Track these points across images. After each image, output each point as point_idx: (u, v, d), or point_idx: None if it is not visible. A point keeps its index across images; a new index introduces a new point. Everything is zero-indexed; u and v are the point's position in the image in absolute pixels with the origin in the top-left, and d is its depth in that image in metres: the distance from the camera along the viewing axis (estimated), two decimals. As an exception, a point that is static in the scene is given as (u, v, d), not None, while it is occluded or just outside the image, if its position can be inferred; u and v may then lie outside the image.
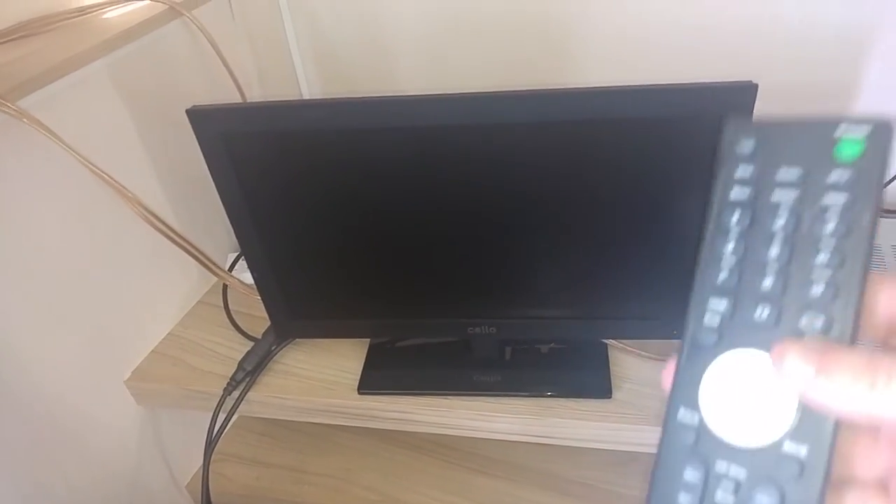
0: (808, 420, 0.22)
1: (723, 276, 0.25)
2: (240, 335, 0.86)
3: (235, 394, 0.79)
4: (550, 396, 0.75)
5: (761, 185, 0.24)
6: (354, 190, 0.66)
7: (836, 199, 0.23)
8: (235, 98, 0.85)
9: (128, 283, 0.81)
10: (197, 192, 0.78)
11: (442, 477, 0.91)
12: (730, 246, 0.25)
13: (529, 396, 0.75)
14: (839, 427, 0.22)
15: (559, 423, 0.73)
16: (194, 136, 0.61)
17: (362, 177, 0.65)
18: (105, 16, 0.74)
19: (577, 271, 0.71)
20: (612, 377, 0.76)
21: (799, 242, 0.24)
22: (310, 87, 0.97)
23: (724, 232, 0.25)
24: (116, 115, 0.75)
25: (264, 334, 0.84)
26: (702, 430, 0.24)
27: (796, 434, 0.22)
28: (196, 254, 0.76)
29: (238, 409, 0.80)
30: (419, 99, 0.59)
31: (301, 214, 0.69)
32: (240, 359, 0.81)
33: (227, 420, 0.79)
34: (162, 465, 0.91)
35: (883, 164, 0.23)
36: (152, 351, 0.86)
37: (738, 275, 0.24)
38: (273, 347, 0.84)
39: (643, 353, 0.77)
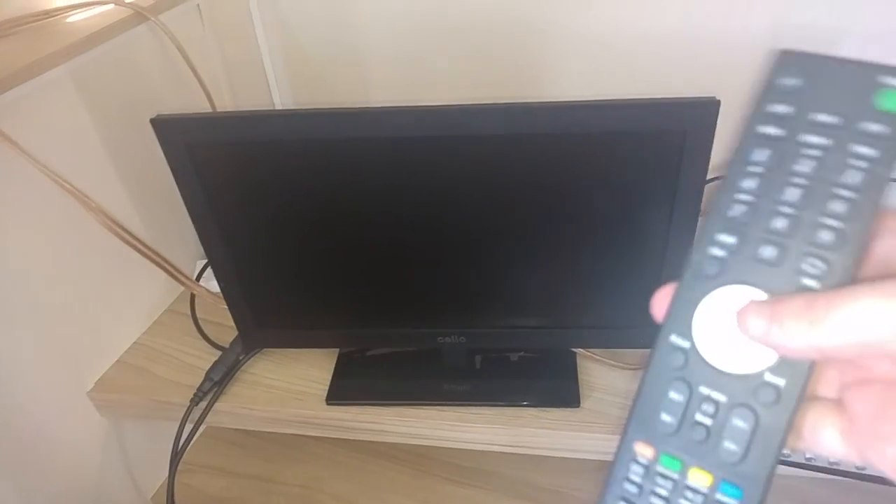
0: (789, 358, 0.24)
1: (737, 210, 0.25)
2: (207, 344, 0.85)
3: (202, 404, 0.78)
4: (519, 406, 0.75)
5: (797, 125, 0.24)
6: (322, 200, 0.66)
7: (866, 152, 0.23)
8: (204, 104, 0.84)
9: (91, 292, 0.79)
10: (165, 198, 0.77)
11: (413, 485, 0.91)
12: (751, 183, 0.25)
13: (499, 406, 0.75)
14: (814, 365, 0.24)
15: (528, 433, 0.74)
16: (160, 145, 0.60)
17: (329, 187, 0.65)
18: (69, 20, 0.73)
19: (545, 281, 0.71)
20: (580, 386, 0.76)
21: (819, 188, 0.24)
22: (280, 92, 0.96)
23: (748, 166, 0.25)
24: (80, 122, 0.74)
25: (232, 343, 0.83)
26: (691, 354, 0.25)
27: (777, 368, 0.24)
28: (162, 263, 0.75)
29: (205, 420, 0.79)
30: (383, 110, 0.59)
31: (268, 224, 0.68)
32: (207, 368, 0.80)
33: (193, 431, 0.78)
34: (126, 477, 0.90)
35: None
36: (117, 361, 0.84)
37: (752, 212, 0.25)
38: (241, 357, 0.83)
39: (611, 362, 0.78)
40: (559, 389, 0.77)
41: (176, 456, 0.77)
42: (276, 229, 0.69)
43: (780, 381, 0.24)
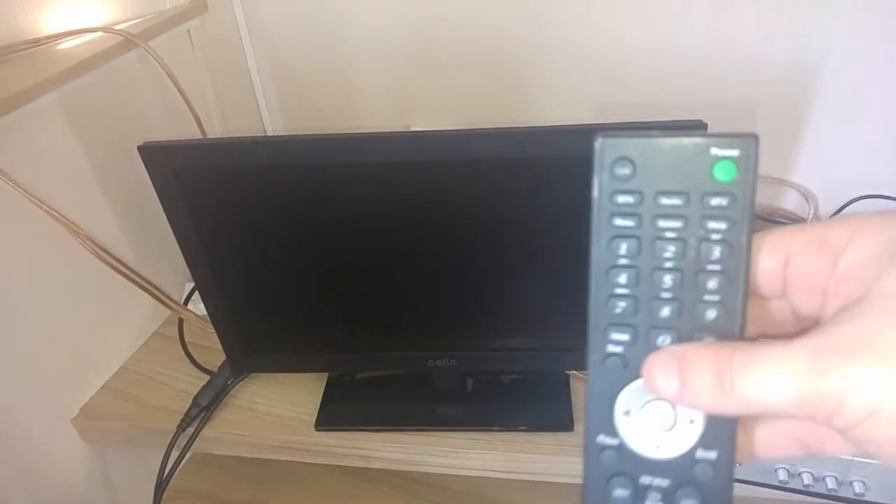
0: (713, 428, 0.25)
1: (620, 306, 0.25)
2: (196, 368, 0.85)
3: (189, 431, 0.77)
4: (512, 430, 0.74)
5: (646, 211, 0.24)
6: (309, 225, 0.66)
7: (717, 225, 0.24)
8: (194, 129, 0.84)
9: (76, 317, 0.79)
10: (154, 222, 0.77)
11: (404, 511, 0.89)
12: (623, 277, 0.25)
13: (491, 431, 0.75)
14: (737, 429, 0.25)
15: (520, 458, 0.73)
16: (149, 170, 0.60)
17: (316, 212, 0.65)
18: (59, 47, 0.73)
19: (536, 303, 0.71)
20: (574, 408, 0.76)
21: (688, 268, 0.24)
22: (271, 116, 0.97)
23: (615, 260, 0.25)
24: (69, 149, 0.73)
25: (220, 368, 0.82)
26: (622, 450, 0.26)
27: (704, 441, 0.25)
28: (150, 288, 0.74)
29: (192, 447, 0.78)
30: (367, 137, 0.59)
31: (256, 249, 0.68)
32: (195, 394, 0.79)
33: (180, 457, 0.77)
34: (111, 506, 0.88)
35: (755, 180, 0.23)
36: (102, 386, 0.83)
37: (634, 306, 0.25)
38: (229, 382, 0.82)
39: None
40: (552, 413, 0.76)
41: (161, 484, 0.76)
42: (263, 254, 0.68)
43: (712, 454, 0.25)
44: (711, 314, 0.24)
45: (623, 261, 0.25)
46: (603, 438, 0.26)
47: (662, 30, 0.77)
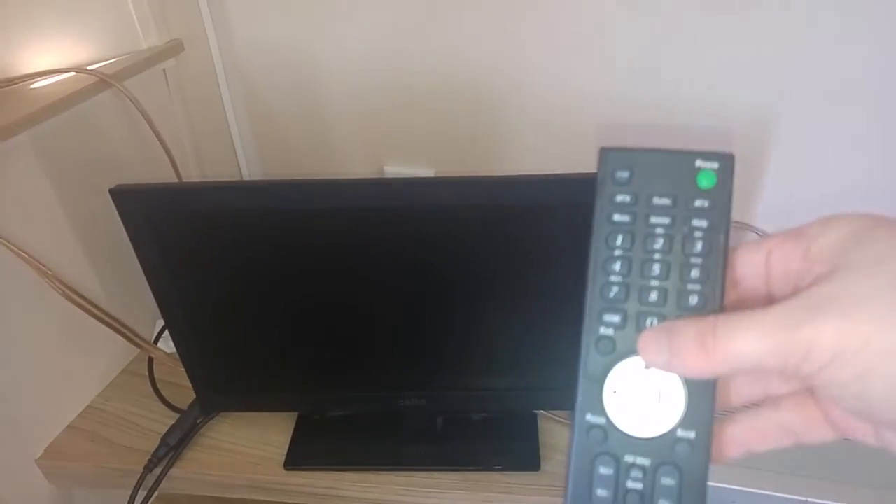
0: (693, 409, 0.27)
1: (613, 291, 0.28)
2: (165, 407, 0.84)
3: (157, 471, 0.76)
4: (480, 471, 0.75)
5: (639, 210, 0.28)
6: (280, 267, 0.66)
7: (700, 224, 0.28)
8: (169, 170, 0.84)
9: (43, 355, 0.78)
10: (125, 260, 0.76)
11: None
12: (617, 265, 0.28)
13: (459, 471, 0.75)
14: (714, 410, 0.27)
15: (489, 498, 0.73)
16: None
17: (289, 255, 0.65)
18: (33, 86, 0.73)
19: (505, 344, 0.72)
20: (541, 448, 0.77)
21: (674, 260, 0.28)
22: (247, 157, 0.97)
23: (611, 251, 0.28)
24: (40, 189, 0.74)
25: (190, 406, 0.81)
26: (609, 429, 0.28)
27: (685, 421, 0.27)
28: (119, 327, 0.74)
29: (160, 487, 0.77)
30: (341, 183, 0.61)
31: (227, 291, 0.69)
32: (163, 433, 0.78)
33: (147, 498, 0.76)
34: (75, 548, 0.87)
35: (731, 189, 0.28)
36: (69, 426, 0.82)
37: (626, 291, 0.28)
38: (198, 420, 0.81)
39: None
40: (520, 452, 0.77)
41: (127, 526, 0.75)
42: (235, 296, 0.69)
43: (691, 434, 0.27)
44: (693, 300, 0.27)
45: (618, 252, 0.28)
46: (591, 417, 0.28)
47: (628, 79, 0.79)
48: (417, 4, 0.82)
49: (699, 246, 0.28)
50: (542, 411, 0.81)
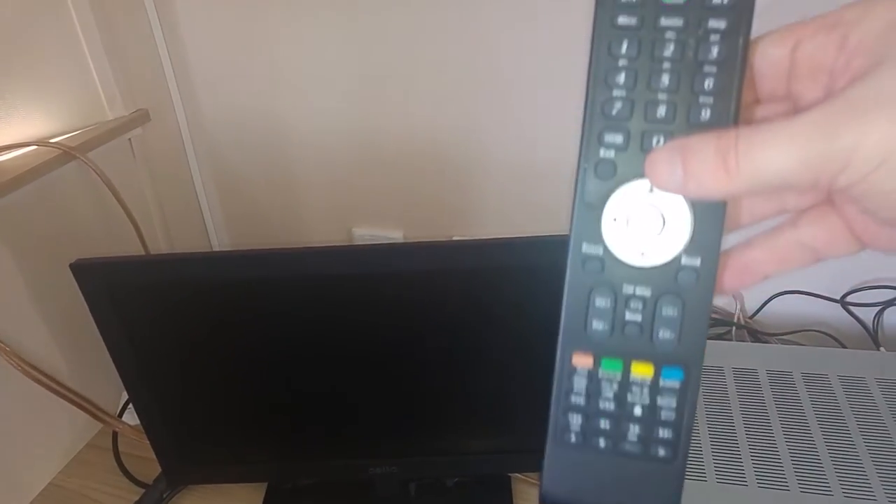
0: (700, 234, 0.25)
1: (617, 107, 0.25)
2: (130, 482, 0.81)
3: (120, 551, 0.74)
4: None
5: (647, 11, 0.24)
6: (247, 339, 0.66)
7: (716, 25, 0.24)
8: (135, 241, 0.84)
9: (1, 433, 0.75)
10: (89, 333, 0.76)
11: None
12: (621, 77, 0.25)
13: (432, 540, 0.73)
14: (722, 234, 0.25)
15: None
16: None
17: (254, 325, 0.65)
18: (-6, 160, 0.73)
19: (475, 408, 0.71)
20: (517, 511, 0.76)
21: (685, 70, 0.24)
22: (216, 226, 0.97)
23: (614, 60, 0.25)
24: (1, 263, 0.73)
25: (155, 481, 0.79)
26: (606, 258, 0.26)
27: (690, 248, 0.25)
28: (82, 403, 0.72)
29: (122, 569, 0.74)
30: (302, 252, 0.60)
31: (192, 363, 0.67)
32: (127, 510, 0.76)
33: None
34: None
35: None
36: (29, 506, 0.79)
37: (630, 106, 0.25)
38: (165, 495, 0.79)
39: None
40: (494, 517, 0.75)
41: None
42: (200, 368, 0.68)
43: (696, 261, 0.25)
44: (705, 114, 0.24)
45: (622, 61, 0.25)
46: (588, 247, 0.26)
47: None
48: (382, 75, 0.84)
49: (714, 51, 0.24)
50: (517, 474, 0.80)
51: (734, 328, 0.87)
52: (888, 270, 0.83)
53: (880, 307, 0.84)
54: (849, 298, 0.85)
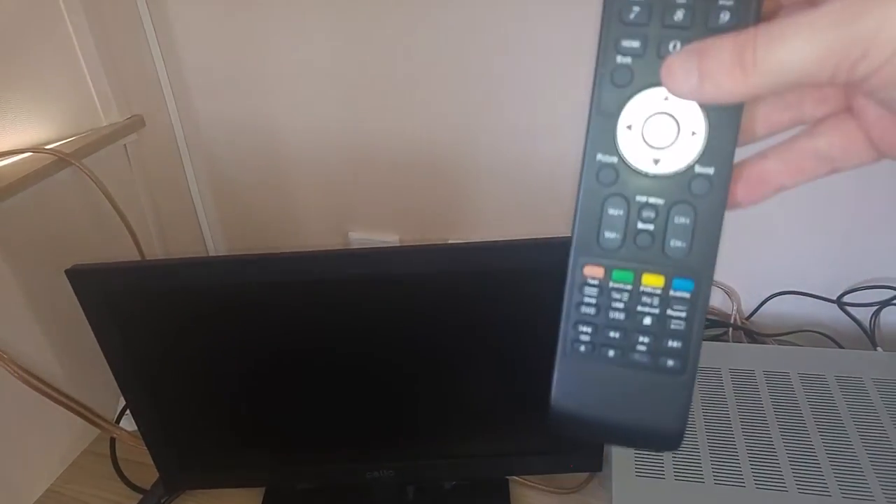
0: (714, 142, 0.25)
1: (634, 13, 0.24)
2: (127, 487, 0.81)
3: (117, 558, 0.74)
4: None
5: None
6: (244, 343, 0.66)
7: None
8: (131, 247, 0.84)
9: None
10: (86, 339, 0.76)
11: None
12: None
13: (431, 543, 0.73)
14: (736, 143, 0.25)
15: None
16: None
17: (252, 330, 0.65)
18: (-11, 167, 0.73)
19: (473, 411, 0.72)
20: (513, 514, 0.75)
21: None
22: (212, 231, 0.97)
23: None
24: (-4, 270, 0.73)
25: (153, 486, 0.79)
26: (620, 167, 0.26)
27: (704, 156, 0.25)
28: (79, 409, 0.72)
29: (120, 575, 0.74)
30: (299, 256, 0.61)
31: (190, 368, 0.67)
32: (125, 516, 0.76)
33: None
34: None
35: None
36: (26, 513, 0.79)
37: (648, 10, 0.24)
38: (162, 500, 0.79)
39: (544, 487, 0.78)
40: (492, 520, 0.75)
41: None
42: (197, 372, 0.68)
43: (710, 170, 0.25)
44: (725, 17, 0.23)
45: None
46: (602, 156, 0.26)
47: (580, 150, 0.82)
48: (376, 79, 0.84)
49: None
50: (514, 477, 0.79)
51: (731, 329, 0.87)
52: (884, 270, 0.83)
53: (877, 307, 0.84)
54: (845, 299, 0.85)
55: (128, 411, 0.89)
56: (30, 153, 0.74)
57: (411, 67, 0.83)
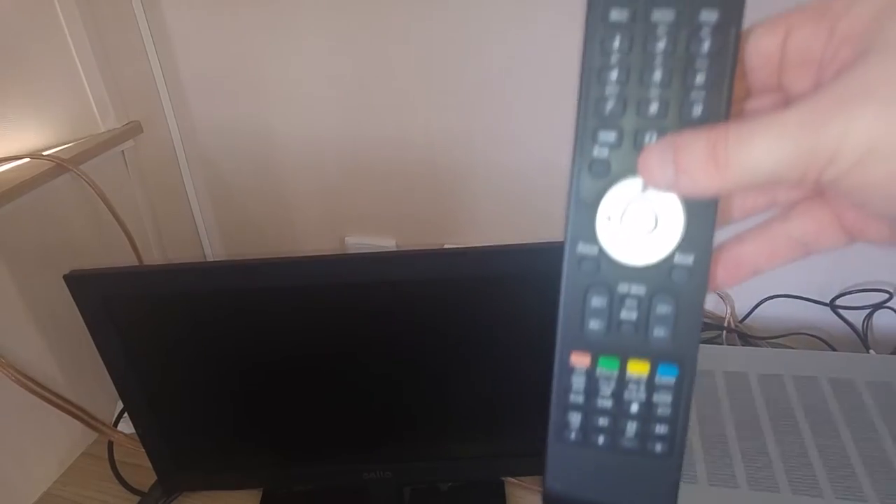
0: (692, 232, 0.25)
1: (610, 106, 0.25)
2: (125, 490, 0.82)
3: (115, 560, 0.74)
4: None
5: (640, 4, 0.24)
6: (239, 347, 0.66)
7: (709, 17, 0.24)
8: (129, 252, 0.84)
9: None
10: (84, 343, 0.76)
11: None
12: (613, 74, 0.25)
13: (427, 545, 0.74)
14: (714, 232, 0.25)
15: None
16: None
17: (246, 334, 0.65)
18: (-12, 173, 0.74)
19: (469, 413, 0.72)
20: (509, 515, 0.76)
21: (677, 65, 0.24)
22: (210, 236, 0.97)
23: (606, 57, 0.25)
24: (-6, 275, 0.73)
25: (151, 488, 0.80)
26: (602, 258, 0.26)
27: (683, 246, 0.25)
28: (77, 413, 0.73)
29: (118, 577, 0.74)
30: (296, 261, 0.61)
31: (186, 371, 0.68)
32: (123, 518, 0.76)
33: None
34: None
35: None
36: (24, 515, 0.80)
37: (623, 103, 0.25)
38: (160, 502, 0.79)
39: (540, 488, 0.78)
40: (488, 522, 0.76)
41: None
42: (194, 376, 0.68)
43: (689, 259, 0.25)
44: (697, 110, 0.24)
45: (615, 58, 0.25)
46: (583, 247, 0.26)
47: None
48: (372, 83, 0.85)
49: (706, 44, 0.24)
50: (511, 478, 0.80)
51: (725, 332, 0.88)
52: (877, 273, 0.84)
53: (869, 310, 0.85)
54: (838, 301, 0.86)
55: (125, 414, 0.90)
56: (28, 159, 0.74)
57: (408, 74, 0.84)
